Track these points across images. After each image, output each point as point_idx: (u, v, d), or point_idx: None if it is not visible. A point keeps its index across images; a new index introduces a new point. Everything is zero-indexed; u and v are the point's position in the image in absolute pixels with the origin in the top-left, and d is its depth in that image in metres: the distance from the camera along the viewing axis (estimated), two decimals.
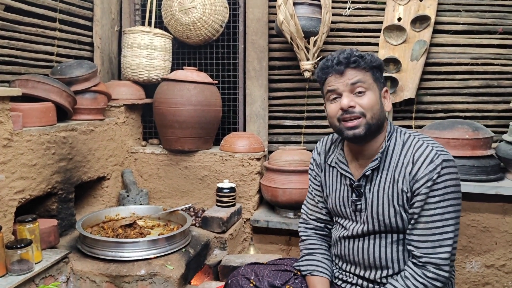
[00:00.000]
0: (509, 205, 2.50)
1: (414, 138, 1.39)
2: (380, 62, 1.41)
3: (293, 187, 2.63)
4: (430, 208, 1.31)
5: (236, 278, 1.55)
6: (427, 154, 1.32)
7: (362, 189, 1.43)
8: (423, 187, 1.31)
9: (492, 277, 2.59)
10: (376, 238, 1.43)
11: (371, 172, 1.41)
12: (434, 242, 1.31)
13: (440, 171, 1.30)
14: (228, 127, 3.18)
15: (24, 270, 1.76)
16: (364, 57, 1.37)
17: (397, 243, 1.41)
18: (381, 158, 1.40)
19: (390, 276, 1.41)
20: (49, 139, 2.14)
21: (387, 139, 1.41)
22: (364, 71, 1.37)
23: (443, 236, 1.31)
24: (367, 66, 1.37)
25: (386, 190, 1.39)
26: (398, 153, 1.39)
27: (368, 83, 1.37)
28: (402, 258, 1.41)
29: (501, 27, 2.88)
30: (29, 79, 2.18)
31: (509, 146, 2.52)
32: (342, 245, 1.52)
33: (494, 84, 2.93)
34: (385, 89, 1.43)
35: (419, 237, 1.34)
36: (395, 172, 1.37)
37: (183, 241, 2.21)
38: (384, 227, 1.40)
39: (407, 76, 2.87)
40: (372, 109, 1.35)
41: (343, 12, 2.99)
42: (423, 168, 1.31)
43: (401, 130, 1.44)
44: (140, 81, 2.99)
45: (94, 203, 2.74)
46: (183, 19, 2.93)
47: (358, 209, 1.45)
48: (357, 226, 1.46)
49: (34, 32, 2.50)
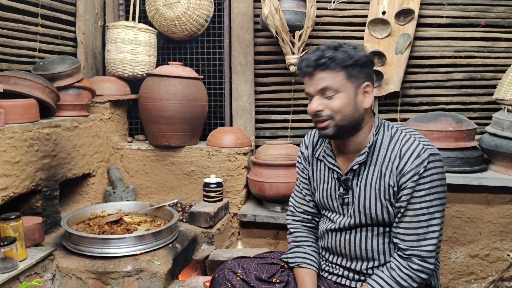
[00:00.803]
0: (492, 196, 2.54)
1: (401, 132, 1.40)
2: (357, 57, 1.34)
3: (280, 181, 2.64)
4: (416, 202, 1.33)
5: (223, 272, 1.54)
6: (414, 149, 1.33)
7: (349, 182, 1.44)
8: (409, 181, 1.32)
9: (476, 267, 2.63)
10: (362, 231, 1.44)
11: (358, 166, 1.42)
12: (419, 235, 1.33)
13: (427, 166, 1.31)
14: (214, 122, 3.17)
15: (8, 268, 1.74)
16: (334, 58, 1.32)
17: (383, 235, 1.42)
18: (369, 152, 1.41)
19: (376, 268, 1.43)
20: (32, 136, 2.11)
21: (375, 133, 1.41)
22: (335, 72, 1.34)
23: (429, 229, 1.33)
24: (339, 66, 1.33)
25: (373, 184, 1.40)
26: (385, 148, 1.39)
27: (339, 84, 1.34)
28: (388, 250, 1.42)
29: (483, 20, 2.91)
30: (11, 75, 2.15)
31: (492, 138, 2.55)
32: (329, 238, 1.53)
33: (477, 77, 2.96)
34: (366, 84, 1.38)
35: (405, 230, 1.35)
36: (382, 166, 1.38)
37: (170, 236, 2.21)
38: (371, 220, 1.41)
39: (392, 70, 2.89)
40: (342, 111, 1.35)
41: (328, 6, 3.00)
42: (409, 163, 1.32)
43: (389, 124, 1.45)
44: (125, 76, 2.97)
45: (79, 200, 2.72)
46: (168, 13, 2.91)
47: (345, 203, 1.46)
48: (344, 220, 1.47)
49: (16, 27, 2.45)
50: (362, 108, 1.39)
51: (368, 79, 1.39)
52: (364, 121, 1.42)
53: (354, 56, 1.34)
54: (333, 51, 1.35)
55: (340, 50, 1.35)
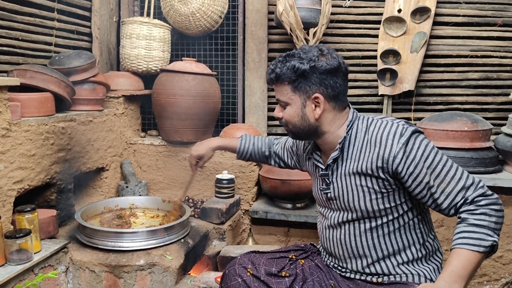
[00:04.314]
0: (507, 197, 2.51)
1: (378, 120, 1.40)
2: (302, 70, 1.35)
3: (292, 179, 2.63)
4: (431, 167, 1.30)
5: (234, 268, 1.56)
6: (394, 130, 1.33)
7: (329, 177, 1.46)
8: (407, 160, 1.30)
9: (489, 268, 2.61)
10: (350, 228, 1.44)
11: (334, 161, 1.44)
12: (461, 186, 1.29)
13: (415, 139, 1.31)
14: (227, 118, 3.18)
15: (23, 259, 1.77)
16: (279, 74, 1.38)
17: (370, 231, 1.41)
18: (342, 147, 1.41)
19: (372, 265, 1.42)
20: (48, 130, 2.13)
21: (348, 129, 1.41)
22: (283, 85, 1.40)
23: (462, 175, 1.30)
24: (285, 80, 1.39)
25: (352, 176, 1.40)
26: (361, 139, 1.39)
27: (286, 97, 1.41)
28: (378, 244, 1.41)
29: (501, 19, 2.87)
30: (28, 69, 2.17)
31: (508, 138, 2.52)
32: (324, 237, 1.55)
33: (493, 77, 2.92)
34: (315, 96, 1.37)
35: (447, 196, 1.30)
36: (359, 158, 1.38)
37: (182, 231, 2.22)
38: (356, 212, 1.41)
39: (406, 68, 2.86)
40: (291, 121, 1.43)
41: (343, 3, 2.98)
42: (395, 144, 1.31)
43: (364, 117, 1.44)
44: (139, 72, 2.98)
45: (93, 194, 2.74)
46: (182, 9, 2.92)
47: (329, 197, 1.47)
48: (334, 214, 1.48)
49: (32, 22, 2.48)
50: (313, 118, 1.40)
51: (318, 91, 1.37)
52: (323, 127, 1.42)
53: (300, 68, 1.35)
54: (281, 64, 1.39)
55: (288, 63, 1.37)
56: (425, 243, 1.42)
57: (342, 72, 1.39)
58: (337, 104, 1.41)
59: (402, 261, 1.40)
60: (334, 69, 1.37)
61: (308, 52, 1.38)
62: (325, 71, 1.36)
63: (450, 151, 2.47)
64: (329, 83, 1.37)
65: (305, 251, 1.64)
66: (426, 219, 1.45)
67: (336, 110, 1.41)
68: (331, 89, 1.38)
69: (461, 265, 1.21)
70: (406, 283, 1.37)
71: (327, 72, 1.36)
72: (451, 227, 2.56)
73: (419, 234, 1.41)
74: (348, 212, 1.43)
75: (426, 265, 1.42)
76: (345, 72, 1.41)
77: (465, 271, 1.20)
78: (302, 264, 1.59)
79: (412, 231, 1.40)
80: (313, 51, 1.37)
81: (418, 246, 1.41)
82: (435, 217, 2.53)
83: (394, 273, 1.40)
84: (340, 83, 1.39)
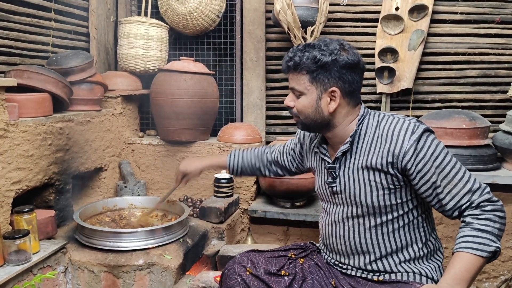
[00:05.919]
0: (505, 194, 2.51)
1: (389, 116, 1.40)
2: (324, 62, 1.33)
3: (290, 178, 2.63)
4: (440, 167, 1.30)
5: (233, 267, 1.56)
6: (406, 127, 1.33)
7: (336, 171, 1.45)
8: (417, 157, 1.30)
9: (488, 265, 2.61)
10: (354, 223, 1.43)
11: (343, 155, 1.43)
12: (468, 188, 1.30)
13: (426, 138, 1.31)
14: (225, 117, 3.18)
15: (22, 260, 1.77)
16: (298, 63, 1.36)
17: (375, 228, 1.41)
18: (352, 141, 1.41)
19: (374, 262, 1.42)
20: (46, 130, 2.13)
21: (359, 123, 1.41)
22: (300, 75, 1.38)
23: (470, 178, 1.31)
24: (304, 69, 1.37)
25: (360, 171, 1.39)
26: (371, 134, 1.39)
27: (303, 87, 1.39)
28: (382, 242, 1.41)
29: (498, 16, 2.87)
30: (25, 69, 2.16)
31: (506, 136, 2.52)
32: (326, 233, 1.54)
33: (491, 74, 2.92)
34: (332, 90, 1.37)
35: (453, 196, 1.31)
36: (369, 152, 1.38)
37: (181, 231, 2.22)
38: (361, 208, 1.41)
39: (404, 66, 2.86)
40: (303, 112, 1.42)
41: (341, 2, 2.98)
42: (406, 141, 1.31)
43: (375, 112, 1.44)
44: (137, 71, 2.98)
45: (91, 194, 2.74)
46: (180, 9, 2.91)
47: (334, 191, 1.47)
48: (337, 209, 1.48)
49: (29, 22, 2.47)
50: (327, 111, 1.40)
51: (336, 85, 1.37)
52: (335, 120, 1.42)
53: (321, 60, 1.34)
54: (301, 53, 1.37)
55: (309, 53, 1.36)
56: (428, 242, 1.43)
57: (360, 69, 1.40)
58: (351, 100, 1.41)
59: (404, 259, 1.40)
60: (354, 64, 1.37)
61: (329, 44, 1.37)
62: (345, 66, 1.36)
63: (449, 149, 2.44)
64: (347, 78, 1.37)
65: (305, 250, 1.64)
66: (429, 218, 1.46)
67: (349, 106, 1.41)
68: (348, 85, 1.38)
69: (463, 268, 1.22)
70: (407, 282, 1.36)
71: (347, 67, 1.36)
72: (450, 225, 2.56)
73: (422, 232, 1.41)
74: (353, 207, 1.42)
75: (427, 264, 1.42)
76: (363, 69, 1.42)
77: (467, 274, 1.21)
78: (302, 263, 1.59)
79: (416, 229, 1.41)
80: (334, 44, 1.37)
81: (420, 244, 1.41)
82: (434, 214, 2.53)
83: (396, 271, 1.40)
84: (357, 80, 1.39)
